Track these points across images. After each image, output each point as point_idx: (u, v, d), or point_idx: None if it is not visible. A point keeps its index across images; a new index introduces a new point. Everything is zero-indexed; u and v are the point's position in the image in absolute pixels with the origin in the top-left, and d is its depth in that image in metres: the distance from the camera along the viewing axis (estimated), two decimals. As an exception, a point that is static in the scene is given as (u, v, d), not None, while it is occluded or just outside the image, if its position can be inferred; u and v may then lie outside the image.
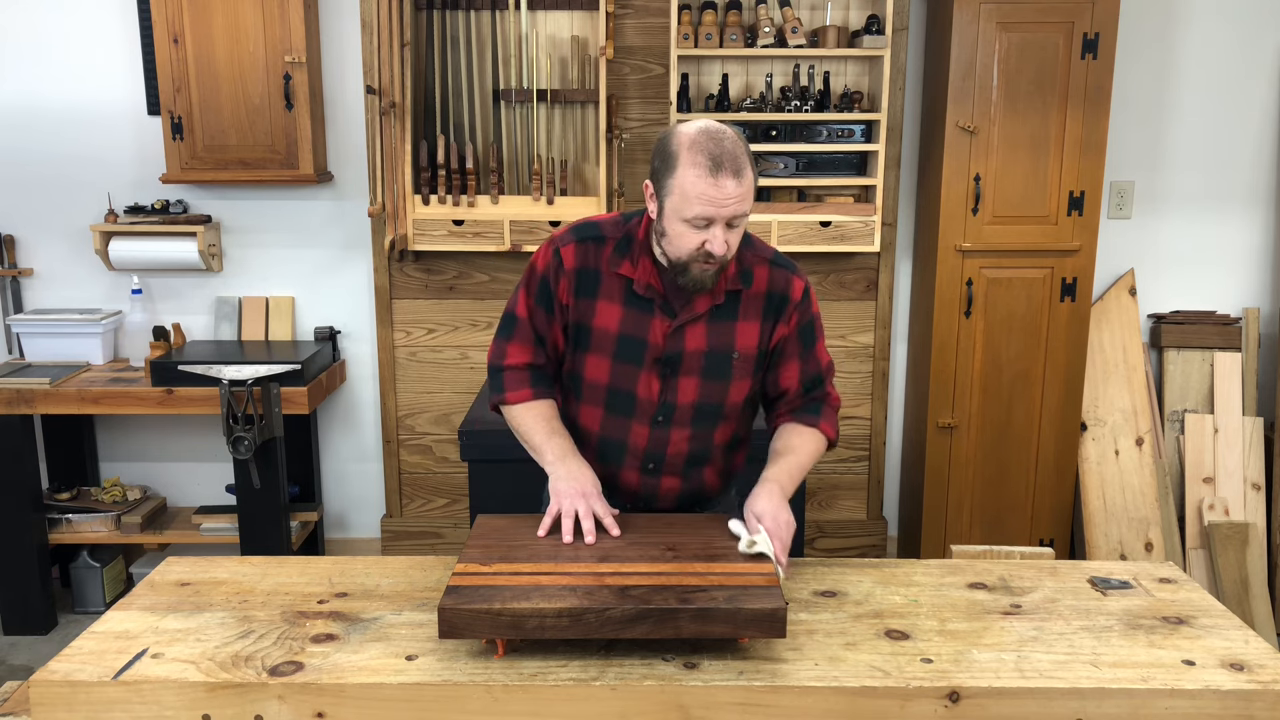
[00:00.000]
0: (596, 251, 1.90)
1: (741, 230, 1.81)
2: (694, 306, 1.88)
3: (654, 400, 1.93)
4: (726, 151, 1.72)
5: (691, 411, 1.94)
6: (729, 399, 1.94)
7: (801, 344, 1.96)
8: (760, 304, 1.92)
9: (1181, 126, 3.71)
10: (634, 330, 1.90)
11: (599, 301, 1.90)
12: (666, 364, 1.90)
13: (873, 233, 3.53)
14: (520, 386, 1.95)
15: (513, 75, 3.56)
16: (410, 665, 1.57)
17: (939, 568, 1.94)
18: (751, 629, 1.56)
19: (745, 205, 1.76)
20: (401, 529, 3.98)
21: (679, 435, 1.95)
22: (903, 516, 3.99)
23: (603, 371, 1.93)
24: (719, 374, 1.92)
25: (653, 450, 1.97)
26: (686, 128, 1.77)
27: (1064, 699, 1.51)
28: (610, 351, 1.92)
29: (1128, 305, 3.76)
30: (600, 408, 1.96)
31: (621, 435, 1.97)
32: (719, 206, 1.73)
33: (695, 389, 1.92)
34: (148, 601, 1.79)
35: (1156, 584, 1.88)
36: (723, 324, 1.90)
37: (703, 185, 1.72)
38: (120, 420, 3.90)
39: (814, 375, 1.98)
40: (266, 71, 3.44)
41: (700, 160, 1.72)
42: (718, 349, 1.91)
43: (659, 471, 1.99)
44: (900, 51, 3.59)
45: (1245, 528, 3.56)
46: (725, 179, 1.72)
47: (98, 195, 3.71)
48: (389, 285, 3.79)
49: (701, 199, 1.73)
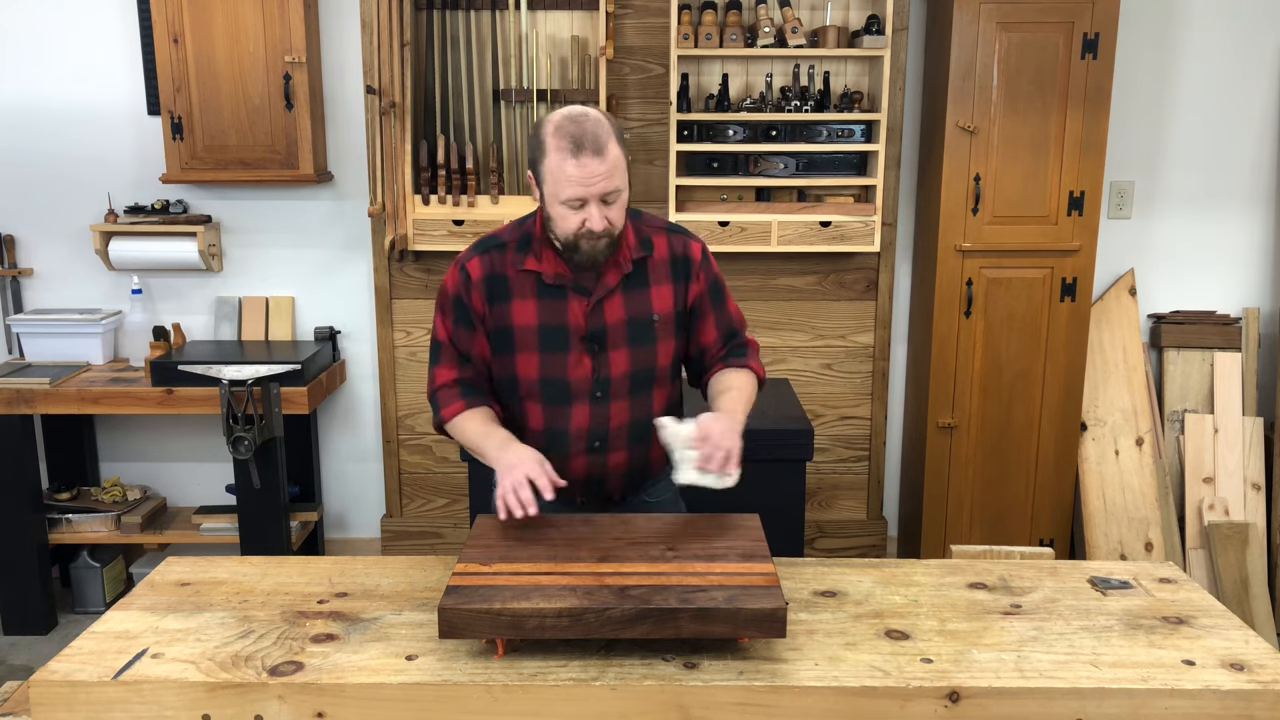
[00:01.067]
0: (500, 258, 1.99)
1: (621, 204, 1.89)
2: (606, 281, 1.96)
3: (588, 378, 1.99)
4: (587, 132, 1.82)
5: (627, 381, 2.00)
6: (659, 362, 2.02)
7: (713, 300, 2.06)
8: (666, 268, 2.02)
9: (1181, 126, 3.71)
10: (553, 319, 1.97)
11: (513, 302, 1.98)
12: (594, 340, 1.97)
13: (873, 233, 3.53)
14: (451, 401, 2.02)
15: (513, 75, 3.56)
16: (410, 665, 1.57)
17: (939, 568, 1.94)
18: (751, 629, 1.56)
19: (615, 181, 1.85)
20: (401, 529, 3.98)
21: (619, 408, 2.01)
22: (903, 516, 3.99)
23: (532, 366, 1.99)
24: (644, 338, 2.00)
25: (596, 428, 2.02)
26: (553, 115, 1.88)
27: (1064, 699, 1.51)
28: (535, 345, 1.98)
29: (1128, 305, 3.76)
30: (538, 401, 2.02)
31: (563, 422, 2.01)
32: (587, 186, 1.82)
33: (626, 358, 1.99)
34: (148, 601, 1.79)
35: (1156, 584, 1.89)
36: (636, 292, 1.99)
37: (568, 168, 1.81)
38: (120, 420, 3.90)
39: (729, 326, 2.10)
40: (266, 71, 3.44)
41: (563, 145, 1.82)
42: (637, 315, 1.99)
43: (605, 449, 2.03)
44: (900, 51, 3.59)
45: (1245, 528, 3.56)
46: (587, 158, 1.81)
47: (98, 195, 3.71)
48: (389, 285, 3.79)
49: (569, 181, 1.82)
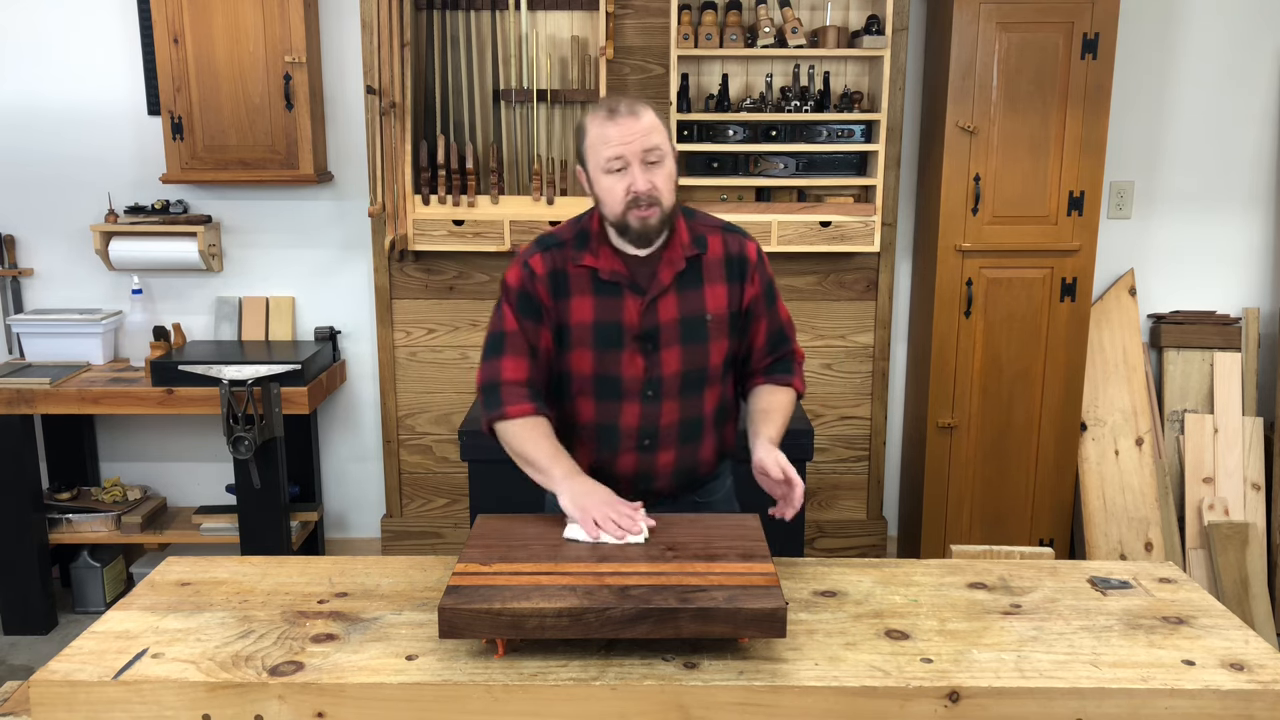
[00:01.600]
0: (560, 255, 2.00)
1: (666, 172, 1.91)
2: (660, 279, 1.97)
3: (640, 376, 1.99)
4: (622, 101, 1.90)
5: (678, 381, 2.00)
6: (710, 361, 2.02)
7: (766, 303, 2.06)
8: (721, 268, 2.01)
9: (1181, 126, 3.71)
10: (608, 315, 1.97)
11: (572, 299, 1.98)
12: (646, 339, 1.97)
13: (873, 233, 3.53)
14: (520, 401, 1.95)
15: (513, 75, 3.56)
16: (410, 665, 1.57)
17: (939, 568, 1.94)
18: (751, 629, 1.56)
19: (654, 138, 1.88)
20: (401, 529, 3.98)
21: (669, 406, 2.01)
22: (903, 516, 3.99)
23: (586, 362, 1.99)
24: (697, 338, 1.99)
25: (646, 426, 2.01)
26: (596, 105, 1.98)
27: (1064, 699, 1.51)
28: (590, 341, 1.98)
29: (1128, 305, 3.76)
30: (590, 397, 2.02)
31: (613, 418, 2.01)
32: (625, 143, 1.86)
33: (678, 357, 1.99)
34: (148, 601, 1.79)
35: (1156, 584, 1.89)
36: (691, 291, 1.99)
37: (607, 130, 1.88)
38: (120, 420, 3.90)
39: (778, 329, 2.09)
40: (266, 71, 3.44)
41: (599, 114, 1.90)
42: (691, 314, 1.99)
43: (655, 447, 2.03)
44: (900, 51, 3.59)
45: (1245, 528, 3.56)
46: (623, 118, 1.87)
47: (98, 195, 3.71)
48: (389, 285, 3.79)
49: (607, 142, 1.87)
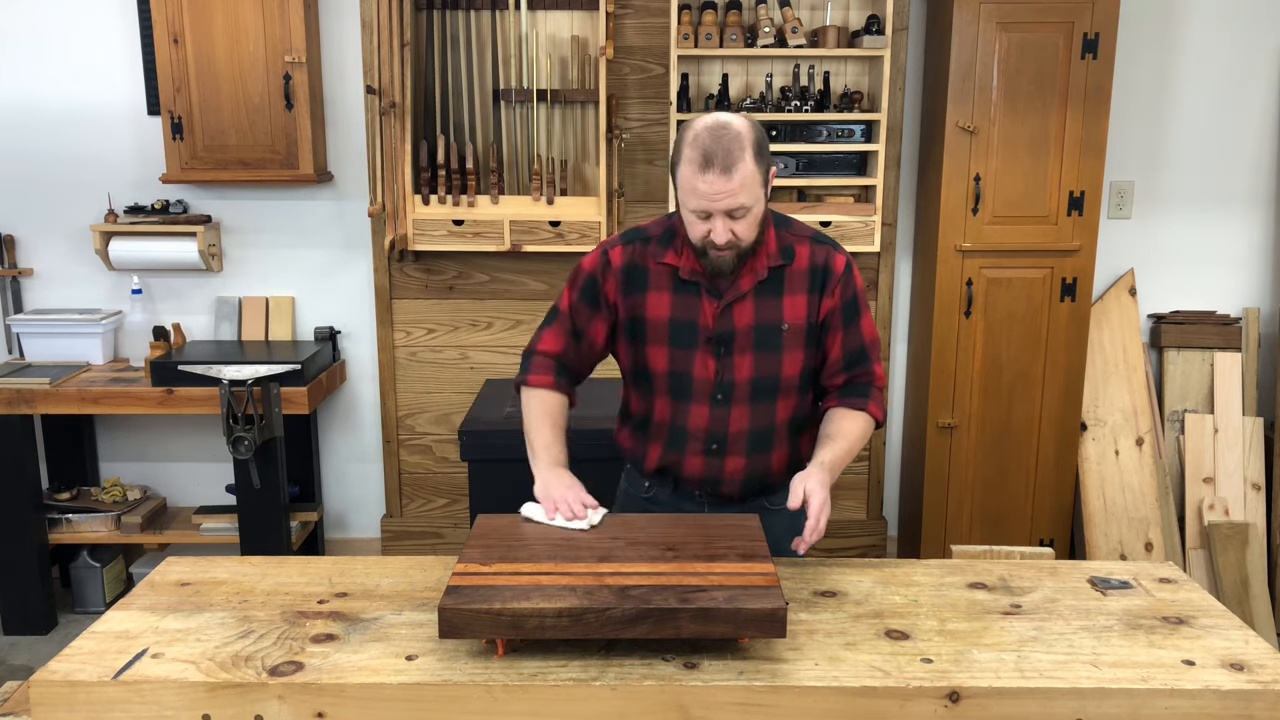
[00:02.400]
0: (642, 249, 2.00)
1: (751, 220, 1.86)
2: (739, 285, 1.95)
3: (710, 379, 1.98)
4: (721, 148, 1.79)
5: (749, 387, 1.99)
6: (784, 371, 2.00)
7: (845, 316, 2.01)
8: (805, 279, 1.98)
9: (1181, 126, 3.71)
10: (684, 314, 1.97)
11: (649, 294, 1.98)
12: (720, 342, 1.97)
13: (873, 233, 3.53)
14: (544, 372, 2.04)
15: (513, 75, 3.56)
16: (410, 665, 1.57)
17: (939, 568, 1.94)
18: (751, 629, 1.55)
19: (741, 198, 1.82)
20: (401, 529, 3.98)
21: (739, 413, 2.00)
22: (903, 516, 3.99)
23: (662, 359, 2.00)
24: (770, 346, 1.97)
25: (714, 430, 2.01)
26: (696, 122, 1.86)
27: (1064, 699, 1.51)
28: (666, 338, 1.98)
29: (1128, 305, 3.76)
30: (666, 395, 2.02)
31: (683, 419, 2.02)
32: (711, 201, 1.82)
33: (750, 364, 1.98)
34: (148, 601, 1.79)
35: (1156, 584, 1.88)
36: (769, 299, 1.97)
37: (694, 180, 1.81)
38: (120, 420, 3.90)
39: (857, 348, 2.02)
40: (266, 71, 3.44)
41: (694, 156, 1.81)
42: (766, 323, 1.97)
43: (722, 452, 2.03)
44: (900, 51, 3.59)
45: (1245, 528, 3.55)
46: (713, 175, 1.79)
47: (98, 195, 3.71)
48: (389, 285, 3.79)
49: (694, 193, 1.83)
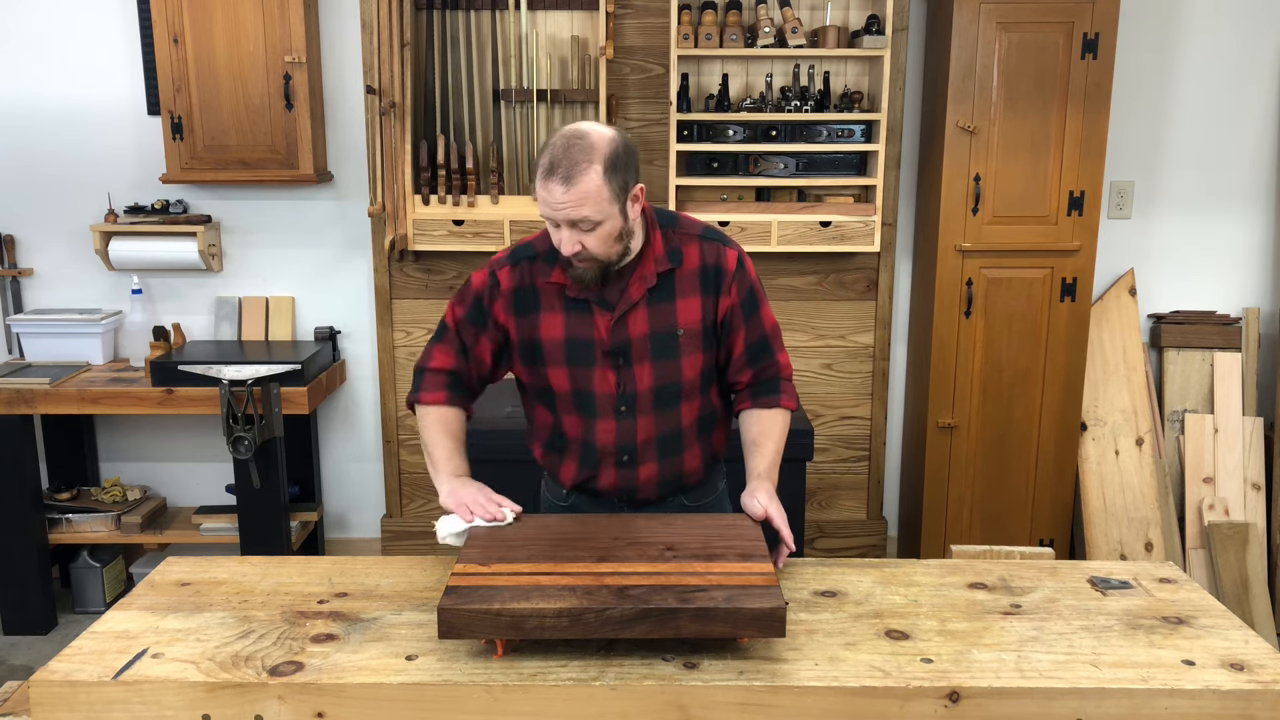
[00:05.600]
0: (530, 269, 1.96)
1: (601, 235, 1.82)
2: (629, 295, 1.93)
3: (612, 393, 1.97)
4: (568, 158, 1.77)
5: (651, 396, 1.98)
6: (684, 376, 1.99)
7: (745, 312, 1.99)
8: (696, 280, 1.96)
9: (1181, 126, 3.71)
10: (578, 332, 1.94)
11: (542, 315, 1.95)
12: (618, 355, 1.95)
13: (873, 233, 3.53)
14: (436, 388, 2.01)
15: (513, 75, 3.56)
16: (410, 665, 1.57)
17: (939, 568, 1.94)
18: (751, 629, 1.55)
19: (584, 210, 1.78)
20: (401, 529, 3.98)
21: (645, 422, 1.99)
22: (903, 516, 3.99)
23: (563, 379, 1.97)
24: (668, 353, 1.96)
25: (622, 442, 2.00)
26: (565, 128, 1.83)
27: (1064, 699, 1.51)
28: (563, 358, 1.96)
29: (1128, 305, 3.76)
30: (573, 413, 2.00)
31: (591, 435, 2.01)
32: (553, 209, 1.80)
33: (650, 373, 1.96)
34: (148, 601, 1.79)
35: (1156, 584, 1.88)
36: (661, 305, 1.94)
37: (539, 187, 1.80)
38: (120, 420, 3.90)
39: (758, 340, 2.02)
40: (266, 71, 3.44)
41: (543, 162, 1.79)
42: (661, 330, 1.95)
43: (634, 462, 2.02)
44: (900, 51, 3.59)
45: (1245, 528, 3.55)
46: (553, 184, 1.77)
47: (98, 195, 3.71)
48: (389, 285, 3.79)
49: (541, 200, 1.81)
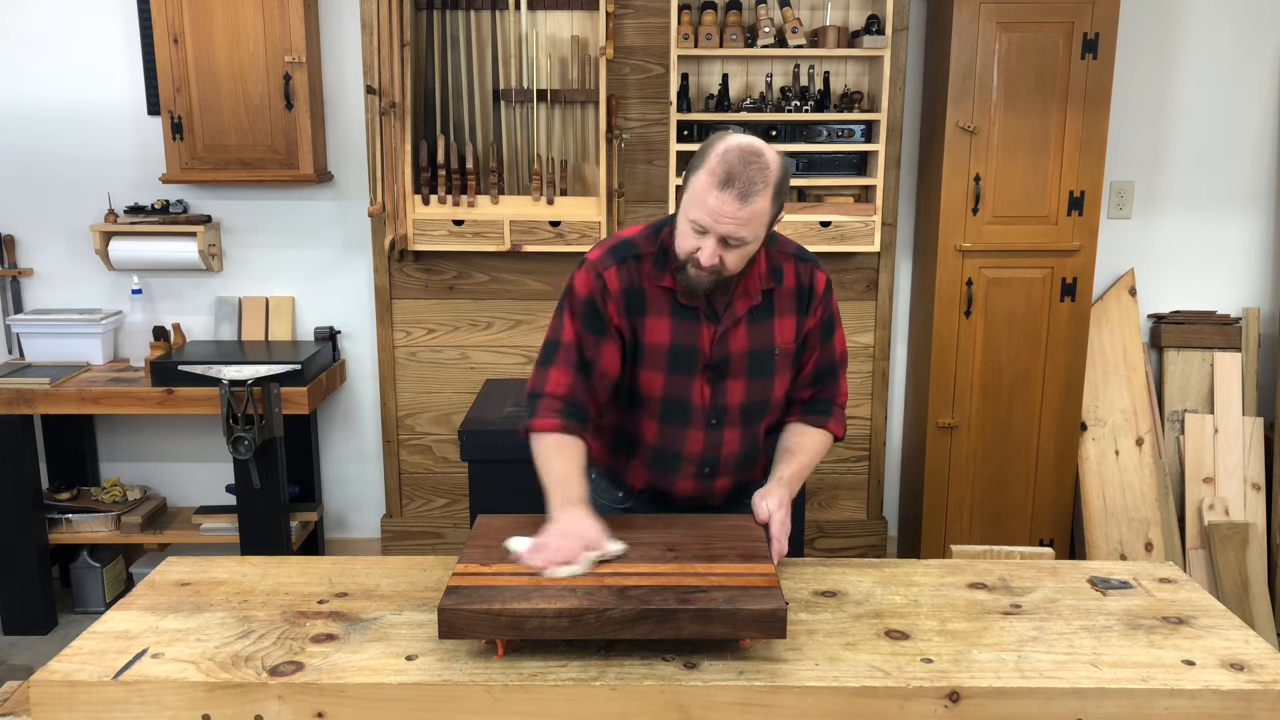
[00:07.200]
0: (637, 269, 1.92)
1: (743, 254, 1.82)
2: (735, 310, 1.92)
3: (706, 405, 1.95)
4: (746, 175, 1.74)
5: (740, 412, 1.97)
6: (773, 394, 1.99)
7: (822, 335, 2.01)
8: (792, 300, 1.96)
9: (1181, 126, 3.71)
10: (684, 340, 1.92)
11: (648, 318, 1.92)
12: (715, 369, 1.94)
13: (873, 233, 3.53)
14: (550, 416, 1.89)
15: (513, 75, 3.56)
16: (410, 665, 1.57)
17: (939, 568, 1.94)
18: (751, 629, 1.55)
19: (744, 230, 1.77)
20: (401, 529, 3.98)
21: (731, 436, 1.99)
22: (903, 516, 3.99)
23: (657, 385, 1.95)
24: (763, 371, 1.96)
25: (708, 454, 1.99)
26: (731, 137, 1.79)
27: (1064, 699, 1.51)
28: (664, 364, 1.93)
29: (1128, 305, 3.76)
30: (655, 420, 1.98)
31: (677, 444, 1.99)
32: (714, 219, 1.76)
33: (743, 389, 1.96)
34: (148, 601, 1.79)
35: (1156, 584, 1.88)
36: (762, 323, 1.94)
37: (707, 194, 1.75)
38: (120, 420, 3.90)
39: (828, 364, 2.03)
40: (266, 71, 3.44)
41: (717, 170, 1.75)
42: (759, 348, 1.94)
43: (714, 474, 2.02)
44: (900, 51, 3.59)
45: (1245, 528, 3.55)
46: (729, 196, 1.74)
47: (98, 195, 3.71)
48: (389, 285, 3.79)
49: (702, 206, 1.76)
